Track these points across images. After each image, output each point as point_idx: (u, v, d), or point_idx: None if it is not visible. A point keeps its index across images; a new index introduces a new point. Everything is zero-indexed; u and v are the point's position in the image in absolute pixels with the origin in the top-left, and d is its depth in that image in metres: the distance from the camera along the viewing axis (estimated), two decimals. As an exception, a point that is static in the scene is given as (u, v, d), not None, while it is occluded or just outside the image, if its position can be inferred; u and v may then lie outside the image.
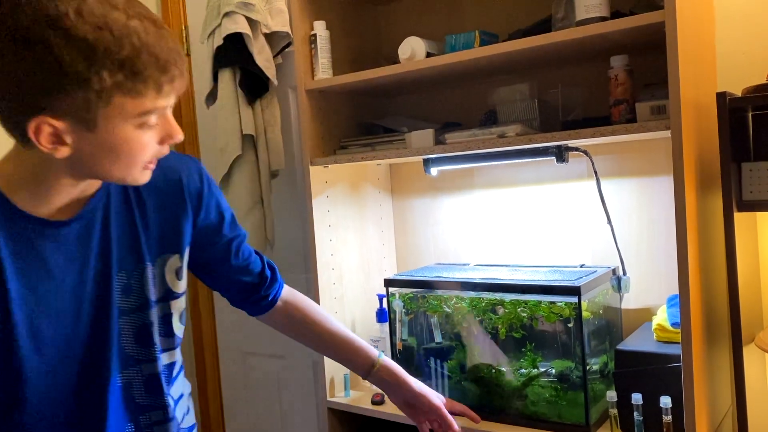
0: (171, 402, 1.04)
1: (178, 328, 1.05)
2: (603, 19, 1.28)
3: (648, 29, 1.23)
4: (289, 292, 1.23)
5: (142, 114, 0.81)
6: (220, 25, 1.89)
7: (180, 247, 1.02)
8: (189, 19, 2.40)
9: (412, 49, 1.54)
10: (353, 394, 1.76)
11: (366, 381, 1.22)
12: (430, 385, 1.27)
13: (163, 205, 1.00)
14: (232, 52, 1.91)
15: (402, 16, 1.90)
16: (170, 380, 1.05)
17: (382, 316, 1.77)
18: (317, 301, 1.71)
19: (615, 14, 1.32)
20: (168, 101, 0.84)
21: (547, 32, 1.34)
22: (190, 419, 1.14)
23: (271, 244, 2.04)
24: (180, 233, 1.02)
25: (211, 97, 2.02)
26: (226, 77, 1.94)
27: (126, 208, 0.97)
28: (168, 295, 1.02)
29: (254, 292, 1.18)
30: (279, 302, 1.21)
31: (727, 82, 1.44)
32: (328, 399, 1.73)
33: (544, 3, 1.58)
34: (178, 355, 1.07)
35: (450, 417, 1.24)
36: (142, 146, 0.84)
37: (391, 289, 1.69)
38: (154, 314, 1.00)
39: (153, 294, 0.99)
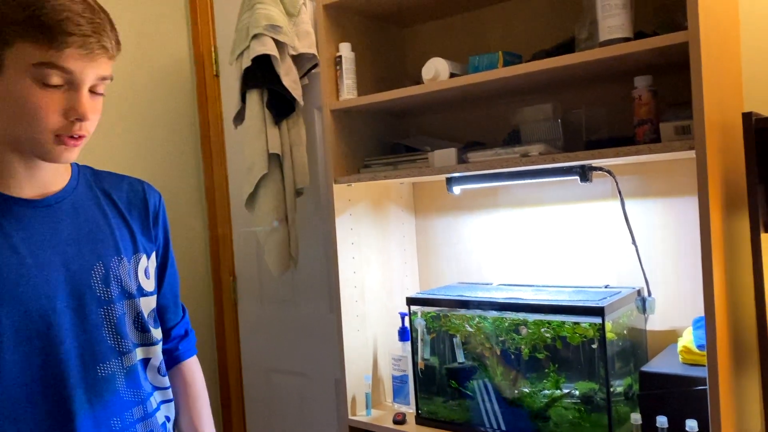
0: (148, 396, 1.06)
1: (152, 327, 1.08)
2: (626, 39, 1.28)
3: (671, 50, 1.23)
4: (195, 364, 1.23)
5: (39, 64, 0.84)
6: (248, 47, 1.94)
7: (147, 249, 1.09)
8: (218, 40, 2.46)
9: (436, 70, 1.56)
10: (374, 413, 1.76)
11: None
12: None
13: (130, 209, 1.09)
14: (260, 74, 1.95)
15: (426, 38, 1.92)
16: (145, 376, 1.07)
17: (404, 334, 1.77)
18: (340, 319, 1.73)
19: (638, 35, 1.32)
20: (72, 65, 0.86)
21: (570, 53, 1.35)
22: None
23: (295, 262, 2.06)
24: (148, 236, 1.10)
25: (239, 117, 2.06)
26: (254, 98, 1.98)
27: (96, 205, 1.03)
28: (140, 291, 1.06)
29: (167, 339, 1.19)
30: (182, 364, 1.20)
31: (754, 102, 1.43)
32: (350, 417, 1.73)
33: (568, 24, 1.59)
34: (154, 353, 1.09)
35: None
36: (43, 106, 0.86)
37: (413, 308, 1.69)
38: (134, 306, 1.04)
39: (132, 287, 1.04)
